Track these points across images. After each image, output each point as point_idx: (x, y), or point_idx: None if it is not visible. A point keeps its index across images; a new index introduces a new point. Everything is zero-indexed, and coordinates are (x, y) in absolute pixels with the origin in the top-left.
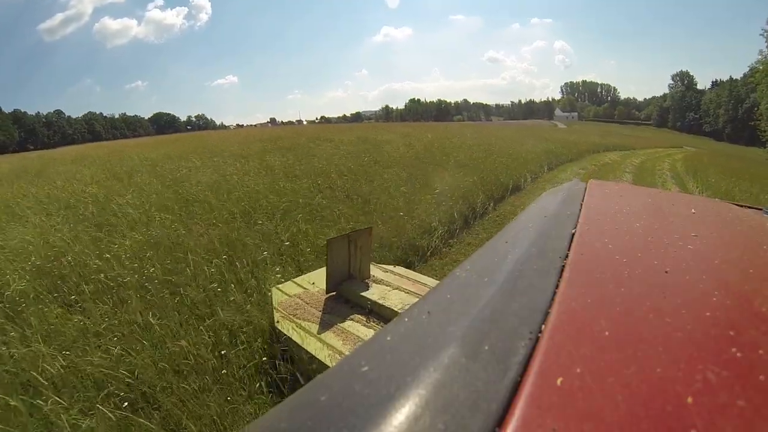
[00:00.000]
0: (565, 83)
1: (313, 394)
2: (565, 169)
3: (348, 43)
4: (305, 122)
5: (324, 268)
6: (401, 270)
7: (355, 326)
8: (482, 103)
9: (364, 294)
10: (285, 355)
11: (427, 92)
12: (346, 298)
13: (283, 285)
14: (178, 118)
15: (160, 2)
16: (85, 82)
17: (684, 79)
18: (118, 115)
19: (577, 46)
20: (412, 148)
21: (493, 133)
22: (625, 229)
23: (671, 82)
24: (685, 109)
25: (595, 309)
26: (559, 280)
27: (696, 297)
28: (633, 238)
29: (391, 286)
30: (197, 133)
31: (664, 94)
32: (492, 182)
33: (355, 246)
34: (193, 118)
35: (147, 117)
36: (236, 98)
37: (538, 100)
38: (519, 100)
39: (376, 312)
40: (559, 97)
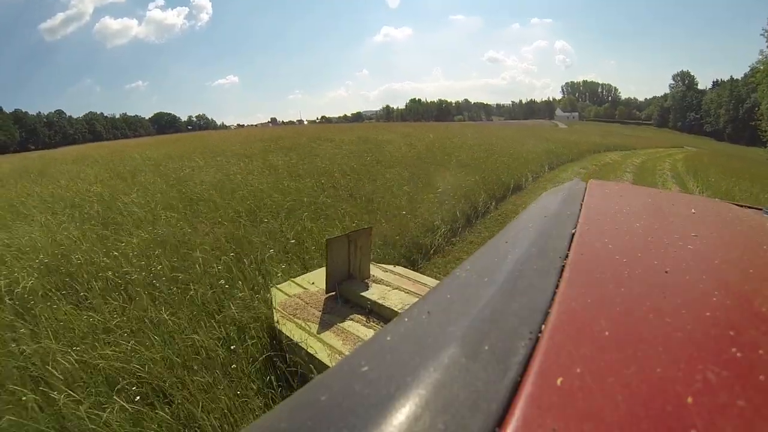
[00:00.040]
0: (566, 83)
1: (313, 394)
2: (566, 169)
3: (349, 43)
4: (306, 122)
5: (324, 268)
6: (401, 270)
7: (355, 326)
8: (483, 103)
9: (364, 294)
10: (285, 355)
11: (427, 92)
12: (345, 298)
13: (282, 285)
14: (179, 118)
15: (161, 2)
16: (85, 82)
17: (685, 79)
18: (118, 115)
19: (577, 46)
20: (414, 148)
21: (494, 133)
22: (625, 229)
23: (672, 82)
24: (686, 109)
25: (595, 309)
26: (559, 280)
27: (696, 297)
28: (633, 238)
29: (391, 286)
30: (198, 133)
31: (665, 94)
32: (493, 182)
33: (354, 246)
34: (194, 118)
35: (148, 117)
36: (237, 98)
37: (538, 100)
38: (520, 100)
39: (376, 312)
40: (559, 97)
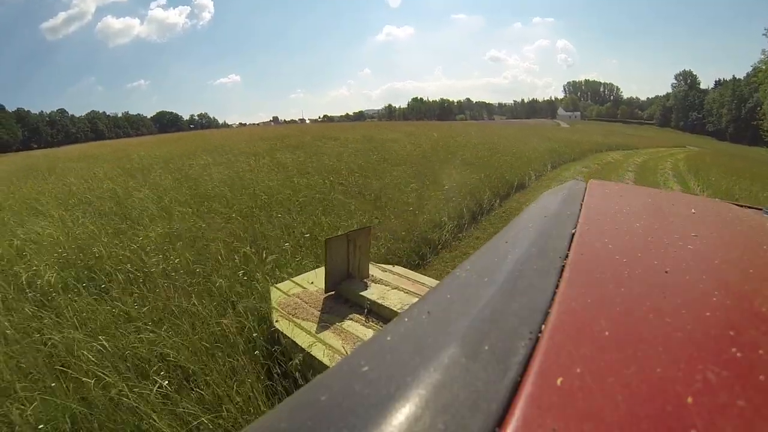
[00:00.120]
0: (568, 82)
1: (313, 394)
2: (568, 168)
3: (350, 42)
4: (308, 121)
5: (323, 268)
6: (400, 270)
7: (354, 326)
8: (485, 102)
9: (363, 293)
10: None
11: (429, 91)
12: (345, 298)
13: (281, 284)
14: (181, 117)
15: (163, 1)
16: (87, 81)
17: (687, 79)
18: (120, 114)
19: (579, 45)
20: (419, 147)
21: (496, 132)
22: (625, 229)
23: (674, 81)
24: (688, 109)
25: (595, 309)
26: (559, 280)
27: (696, 297)
28: (633, 238)
29: (390, 285)
30: (200, 132)
31: (667, 93)
32: (497, 180)
33: (354, 245)
34: (196, 117)
35: (150, 116)
36: (239, 97)
37: (540, 99)
38: (522, 99)
39: (375, 312)
40: (561, 96)
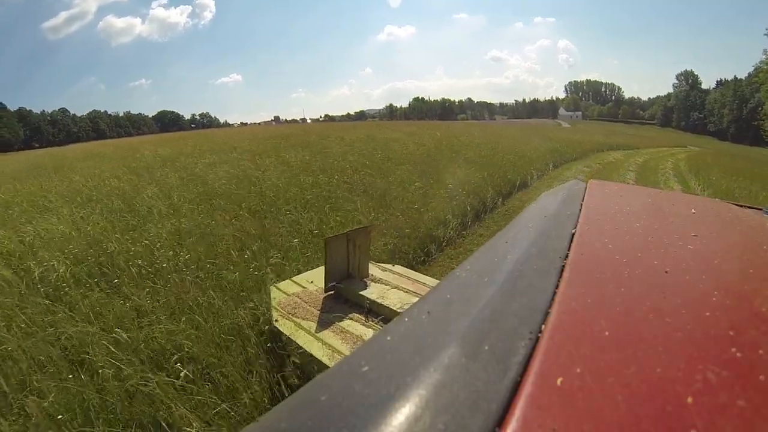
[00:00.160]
0: (569, 82)
1: (313, 394)
2: (569, 167)
3: (352, 41)
4: (309, 120)
5: (322, 267)
6: (400, 269)
7: (354, 325)
8: (486, 102)
9: (363, 293)
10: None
11: (430, 91)
12: (344, 297)
13: (281, 284)
14: (182, 116)
15: (164, 0)
16: (89, 81)
17: (688, 79)
18: (122, 113)
19: (580, 45)
20: (422, 146)
21: (498, 132)
22: (625, 229)
23: (675, 81)
24: (690, 109)
25: (595, 309)
26: (559, 280)
27: (696, 297)
28: (633, 238)
29: (390, 285)
30: (202, 131)
31: (669, 93)
32: (500, 179)
33: (353, 245)
34: (198, 117)
35: (151, 115)
36: (240, 96)
37: (542, 99)
38: (523, 99)
39: (375, 311)
40: (563, 96)
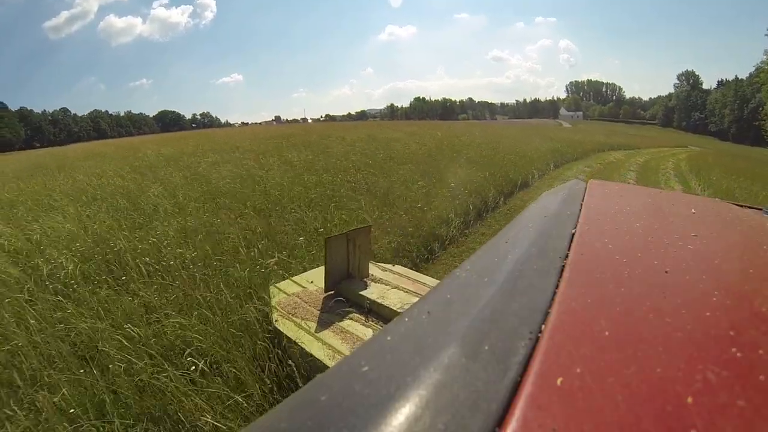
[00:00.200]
0: (570, 82)
1: (313, 394)
2: (570, 167)
3: (353, 41)
4: (310, 120)
5: (322, 267)
6: (400, 269)
7: (354, 325)
8: (487, 102)
9: (363, 293)
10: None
11: (431, 90)
12: (344, 297)
13: (281, 284)
14: (183, 116)
15: (165, 0)
16: (90, 80)
17: (689, 79)
18: (123, 113)
19: (581, 44)
20: (424, 146)
21: (499, 132)
22: (625, 229)
23: (677, 81)
24: (691, 109)
25: (595, 309)
26: (559, 280)
27: (696, 297)
28: (633, 238)
29: (390, 285)
30: (203, 131)
31: (670, 93)
32: (502, 178)
33: (353, 244)
34: (198, 116)
35: (152, 115)
36: (241, 96)
37: (543, 99)
38: (524, 99)
39: (375, 311)
40: (564, 96)
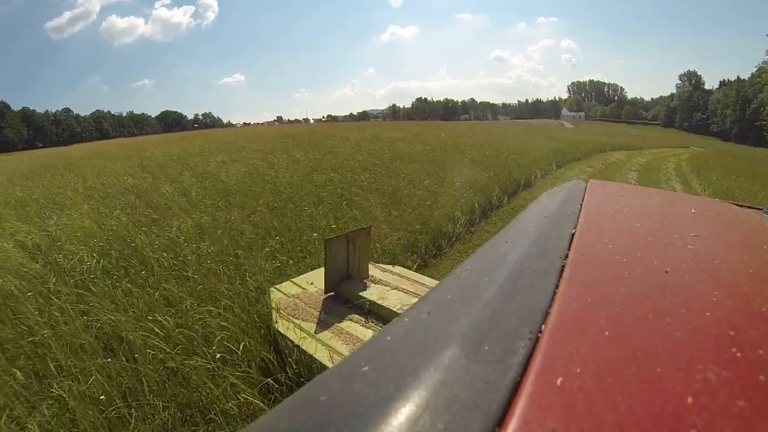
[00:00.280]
0: (572, 83)
1: (313, 394)
2: (572, 167)
3: (355, 41)
4: (312, 121)
5: (322, 268)
6: (400, 270)
7: (354, 326)
8: (489, 102)
9: (363, 294)
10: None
11: (433, 91)
12: (344, 298)
13: (281, 285)
14: (185, 116)
15: (167, 1)
16: (92, 81)
17: (691, 79)
18: (125, 114)
19: (583, 45)
20: (428, 146)
21: (501, 132)
22: (625, 229)
23: (678, 82)
24: (693, 109)
25: (595, 309)
26: (559, 280)
27: (696, 297)
28: (633, 238)
29: (390, 286)
30: (205, 131)
31: (672, 94)
32: (505, 178)
33: (353, 246)
34: (200, 117)
35: (154, 115)
36: (243, 97)
37: (545, 99)
38: (526, 100)
39: (375, 312)
40: (566, 96)
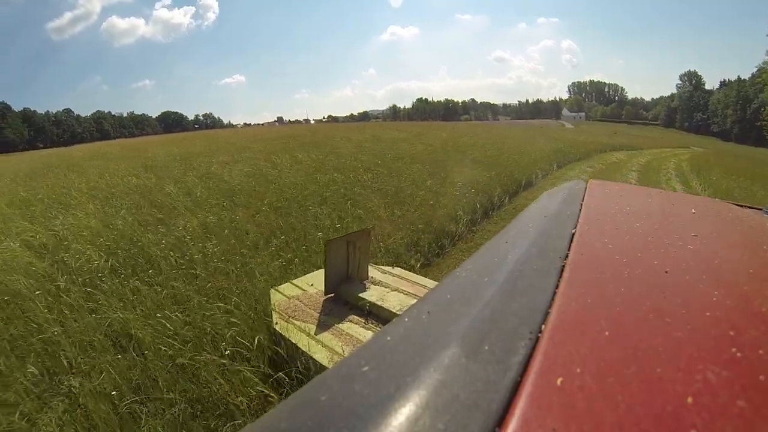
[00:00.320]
0: (573, 83)
1: (313, 394)
2: (573, 167)
3: (355, 42)
4: (312, 121)
5: (322, 270)
6: (400, 271)
7: (354, 328)
8: (489, 103)
9: (363, 295)
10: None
11: (433, 91)
12: (344, 300)
13: (281, 287)
14: (186, 116)
15: (168, 1)
16: (92, 81)
17: (692, 79)
18: (126, 114)
19: (584, 45)
20: (430, 146)
21: (502, 133)
22: (625, 229)
23: (679, 82)
24: (693, 110)
25: (595, 309)
26: (559, 280)
27: (696, 297)
28: (633, 238)
29: (390, 287)
30: (206, 132)
31: (672, 94)
32: (506, 178)
33: (353, 247)
34: (201, 117)
35: (154, 116)
36: (243, 97)
37: (545, 99)
38: (526, 100)
39: (375, 313)
40: (566, 96)
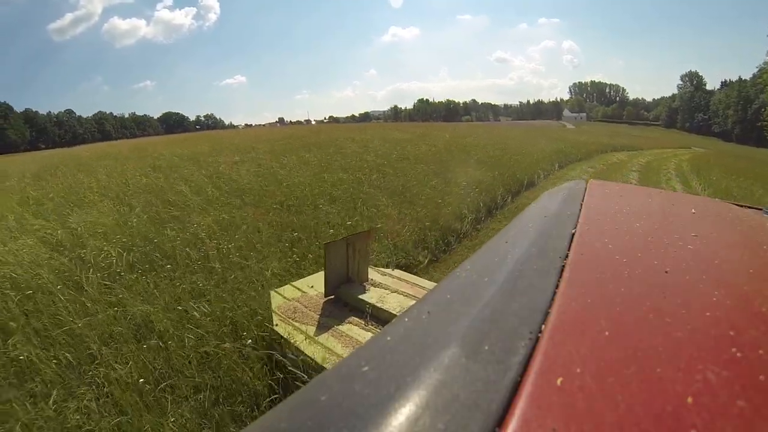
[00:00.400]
0: (574, 83)
1: (313, 394)
2: (574, 168)
3: (356, 42)
4: (314, 122)
5: (322, 272)
6: (399, 273)
7: (354, 329)
8: (490, 104)
9: (363, 297)
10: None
11: (434, 92)
12: (344, 302)
13: (281, 289)
14: (187, 117)
15: (169, 2)
16: (94, 82)
17: (693, 80)
18: (127, 115)
19: (585, 45)
20: (433, 147)
21: (504, 134)
22: (625, 229)
23: (680, 82)
24: (694, 110)
25: (595, 309)
26: (559, 280)
27: (696, 297)
28: (633, 238)
29: (390, 289)
30: (208, 133)
31: (673, 94)
32: (509, 178)
33: (353, 249)
34: (202, 118)
35: (156, 116)
36: (244, 98)
37: (546, 100)
38: (527, 101)
39: (375, 315)
40: (567, 97)
